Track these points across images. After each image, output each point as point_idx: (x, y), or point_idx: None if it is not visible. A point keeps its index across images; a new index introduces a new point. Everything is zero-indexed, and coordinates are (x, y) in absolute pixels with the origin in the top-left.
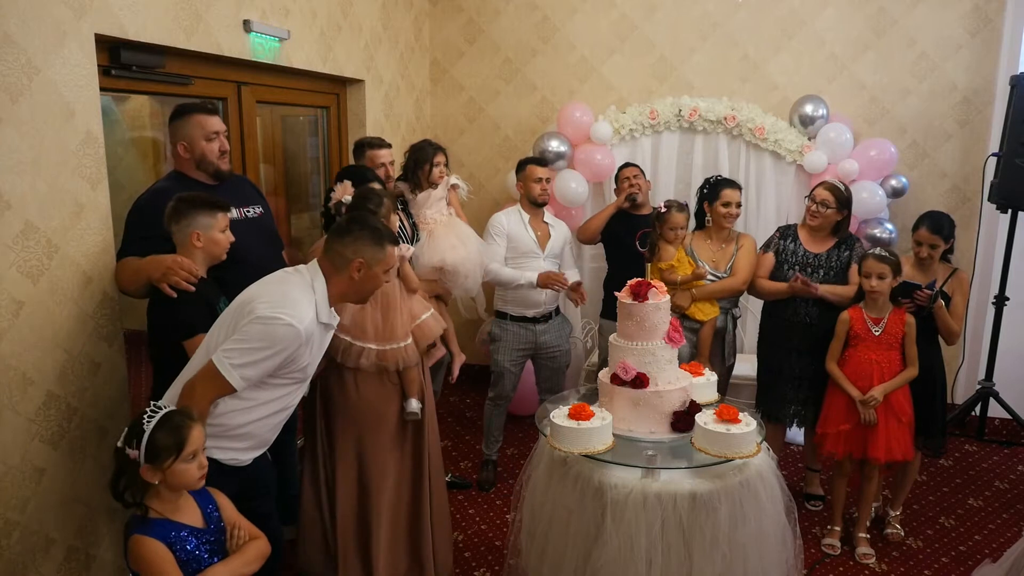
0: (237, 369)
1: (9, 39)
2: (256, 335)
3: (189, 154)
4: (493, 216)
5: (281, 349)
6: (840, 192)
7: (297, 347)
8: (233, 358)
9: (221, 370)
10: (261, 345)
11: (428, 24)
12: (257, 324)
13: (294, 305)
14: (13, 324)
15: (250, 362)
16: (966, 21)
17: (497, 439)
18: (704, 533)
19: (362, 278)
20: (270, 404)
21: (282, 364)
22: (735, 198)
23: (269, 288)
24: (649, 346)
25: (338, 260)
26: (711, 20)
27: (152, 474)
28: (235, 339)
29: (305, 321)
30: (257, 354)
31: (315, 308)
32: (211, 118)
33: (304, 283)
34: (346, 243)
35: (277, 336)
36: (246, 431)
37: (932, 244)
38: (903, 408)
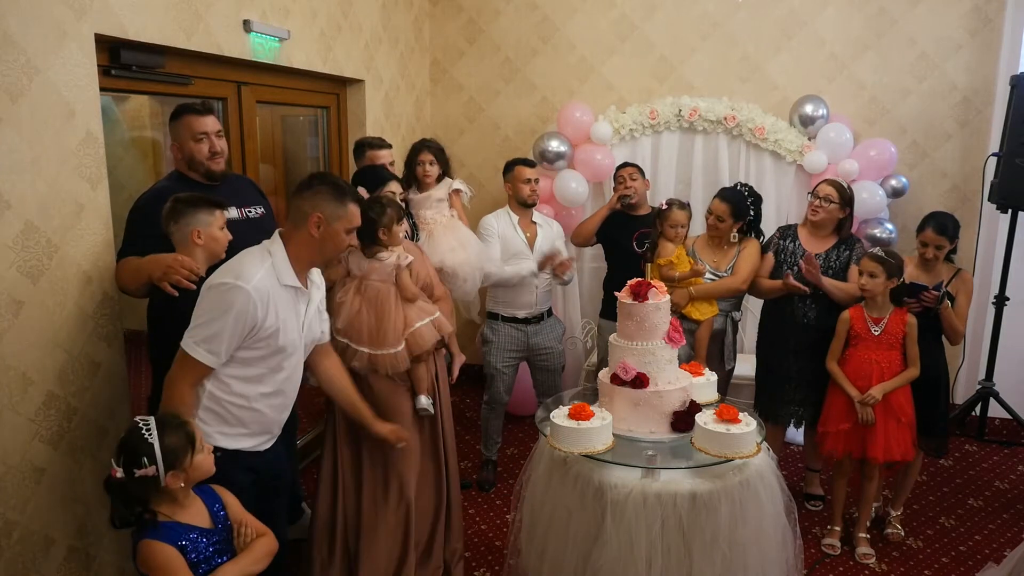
0: (201, 344)
1: (9, 39)
2: (207, 306)
3: (181, 154)
4: (483, 219)
5: (236, 313)
6: (843, 189)
7: (253, 309)
8: (194, 335)
9: (188, 351)
10: (215, 314)
11: (428, 24)
12: (206, 295)
13: (239, 269)
14: (13, 324)
15: (211, 334)
16: (966, 21)
17: (496, 441)
18: (704, 533)
19: (322, 235)
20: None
21: (247, 331)
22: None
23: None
24: (649, 346)
25: (297, 216)
26: (711, 20)
27: (176, 479)
28: (195, 315)
29: (252, 280)
30: (214, 324)
31: (270, 271)
32: (201, 119)
33: (259, 251)
34: (304, 197)
35: (226, 300)
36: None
37: (938, 245)
38: (903, 408)
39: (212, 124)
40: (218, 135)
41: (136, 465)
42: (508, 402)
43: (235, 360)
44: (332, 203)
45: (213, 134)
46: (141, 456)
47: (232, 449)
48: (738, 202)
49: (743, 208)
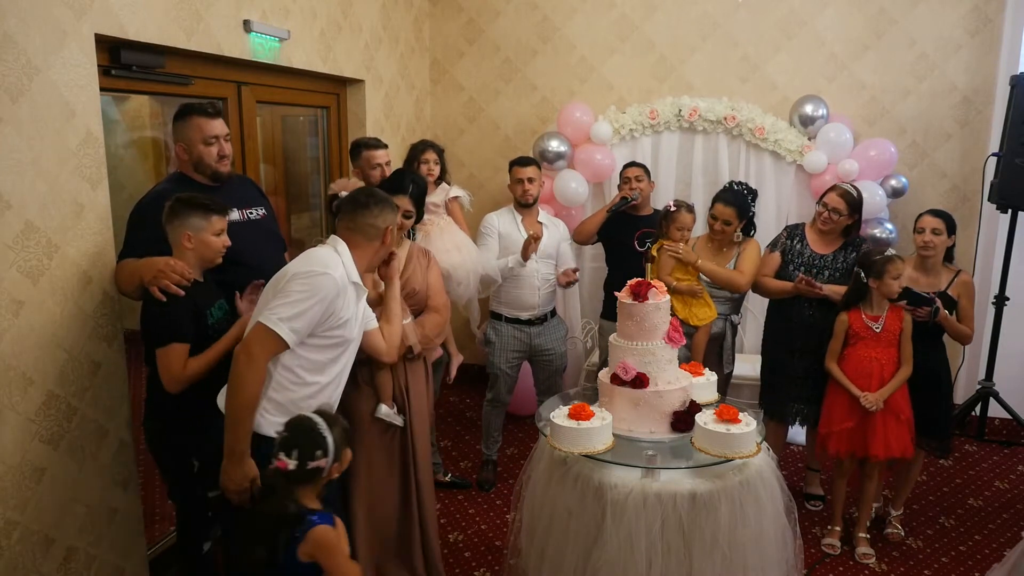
0: (285, 322)
1: (9, 39)
2: (297, 289)
3: (187, 156)
4: (485, 217)
5: (322, 298)
6: (852, 198)
7: (335, 295)
8: (279, 312)
9: (271, 326)
10: (303, 296)
11: (428, 24)
12: (296, 280)
13: (323, 260)
14: (13, 324)
15: (296, 313)
16: (966, 21)
17: (496, 440)
18: (704, 533)
19: (387, 244)
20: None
21: (325, 317)
22: (722, 215)
23: (297, 260)
24: (649, 346)
25: (370, 231)
26: (711, 20)
27: (335, 470)
28: (279, 298)
29: (337, 271)
30: (301, 304)
31: (343, 267)
32: (212, 121)
33: (327, 249)
34: (376, 215)
35: (316, 285)
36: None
37: (935, 229)
38: (900, 406)
39: (221, 128)
40: (226, 138)
41: (311, 457)
42: (510, 402)
43: (305, 346)
44: (393, 213)
45: (223, 138)
46: (317, 449)
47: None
48: (741, 203)
49: (747, 207)
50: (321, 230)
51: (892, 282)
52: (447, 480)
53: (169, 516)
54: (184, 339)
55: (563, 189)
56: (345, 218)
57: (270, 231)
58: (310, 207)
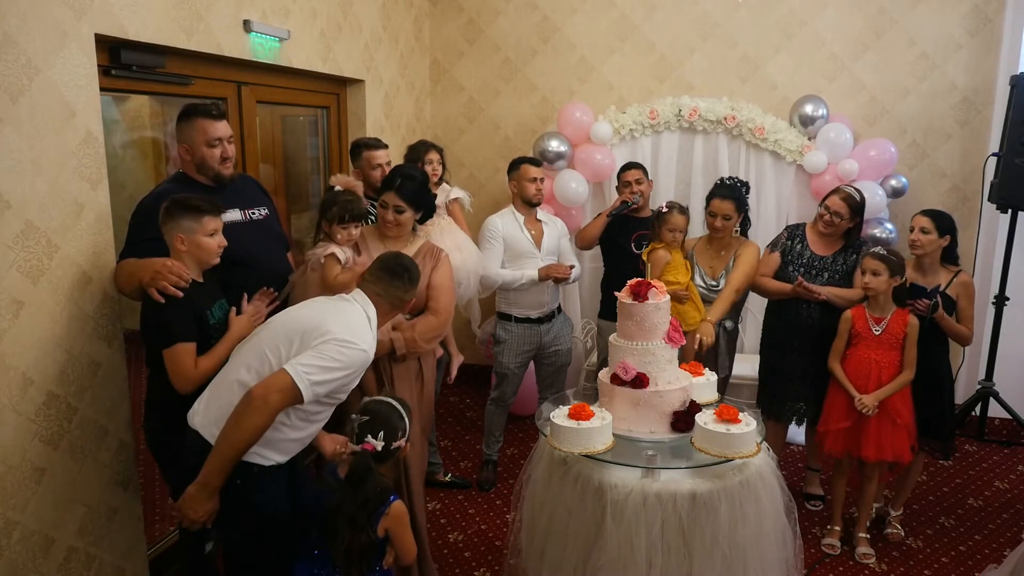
0: (314, 386)
1: (9, 39)
2: (334, 354)
3: (190, 157)
4: (487, 220)
5: (352, 372)
6: (855, 201)
7: (360, 372)
8: (313, 375)
9: (299, 383)
10: (338, 365)
11: (428, 24)
12: (335, 345)
13: (363, 333)
14: (13, 324)
15: (325, 380)
16: (966, 21)
17: (498, 439)
18: (704, 533)
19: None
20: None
21: (344, 385)
22: (721, 210)
23: (334, 315)
24: (649, 346)
25: (397, 303)
26: (711, 20)
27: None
28: (313, 356)
29: (372, 349)
30: (333, 373)
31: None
32: (216, 124)
33: (361, 313)
34: (405, 289)
35: (352, 359)
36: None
37: (923, 228)
38: (898, 410)
39: (225, 130)
40: (229, 140)
41: (394, 438)
42: (513, 402)
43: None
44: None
45: (226, 140)
46: (399, 430)
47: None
48: (738, 196)
49: (743, 200)
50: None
51: (668, 233)
52: (447, 480)
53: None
54: (189, 338)
55: (563, 189)
56: (378, 284)
57: (272, 231)
58: (310, 207)
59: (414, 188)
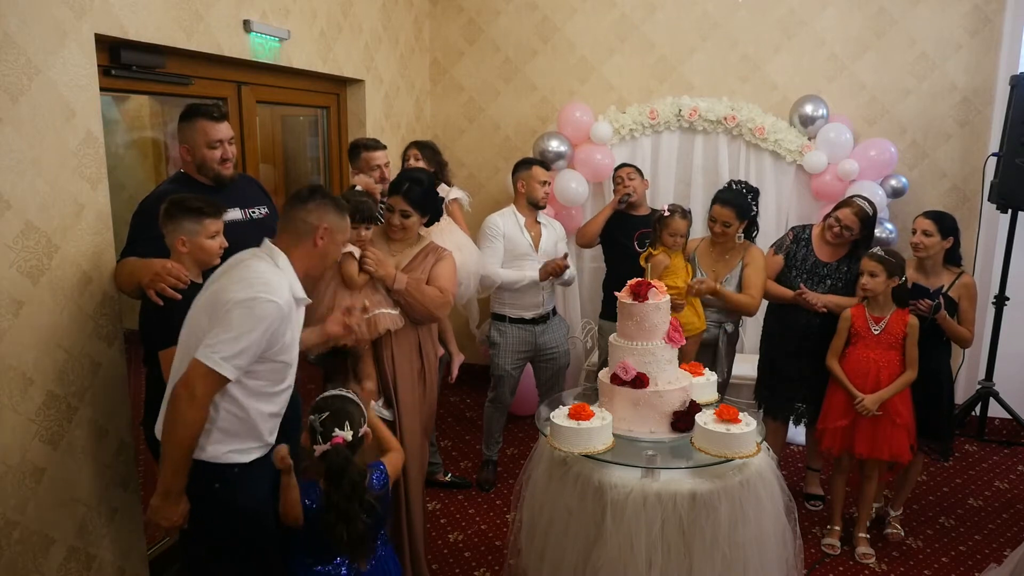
0: (230, 360)
1: (9, 39)
2: (239, 319)
3: (191, 158)
4: (488, 218)
5: (267, 327)
6: (866, 216)
7: (280, 323)
8: (222, 350)
9: (213, 366)
10: (248, 328)
11: (428, 24)
12: (237, 310)
13: (266, 282)
14: (13, 324)
15: (241, 349)
16: (966, 21)
17: (497, 440)
18: (704, 533)
19: (325, 246)
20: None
21: (271, 345)
22: (721, 216)
23: (232, 281)
24: (649, 346)
25: (301, 227)
26: (711, 20)
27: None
28: (218, 331)
29: (283, 295)
30: (246, 338)
31: (288, 285)
32: (217, 125)
33: (267, 263)
34: (310, 210)
35: (263, 313)
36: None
37: (925, 230)
38: (897, 410)
39: (226, 131)
40: (230, 142)
41: (359, 425)
42: (512, 403)
43: (252, 376)
44: (335, 215)
45: (227, 141)
46: (360, 416)
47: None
48: (740, 203)
49: (747, 207)
50: None
51: (669, 237)
52: (447, 480)
53: None
54: None
55: (563, 189)
56: (281, 222)
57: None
58: None
59: (421, 192)
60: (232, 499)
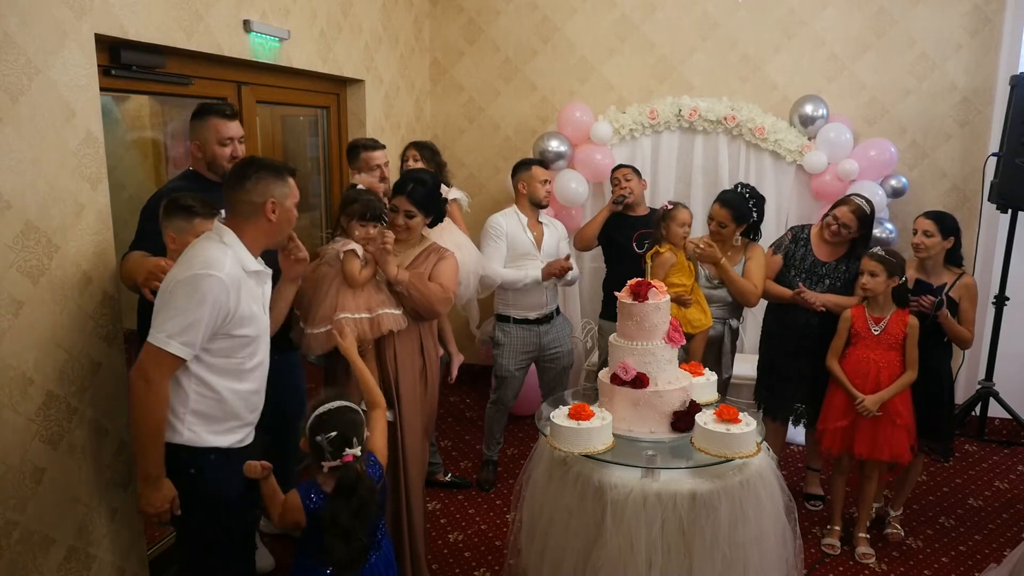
0: (175, 338)
1: (9, 39)
2: (182, 297)
3: (201, 154)
4: (490, 218)
5: (212, 301)
6: (864, 214)
7: (226, 297)
8: (166, 328)
9: (160, 345)
10: (193, 304)
11: (428, 24)
12: (180, 288)
13: (206, 259)
14: (13, 324)
15: (187, 325)
16: (966, 21)
17: (498, 441)
18: (704, 533)
19: (279, 218)
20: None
21: (220, 320)
22: (717, 216)
23: (182, 258)
24: (649, 346)
25: (248, 208)
26: (711, 20)
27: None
28: (164, 312)
29: (225, 268)
30: (189, 315)
31: (235, 260)
32: (229, 123)
33: (215, 243)
34: (249, 189)
35: (200, 291)
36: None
37: (926, 231)
38: (897, 410)
39: (237, 130)
40: (240, 140)
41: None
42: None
43: (213, 353)
44: (277, 184)
45: (237, 140)
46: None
47: (226, 448)
48: (739, 206)
49: (745, 211)
50: (322, 229)
51: (677, 228)
52: (447, 480)
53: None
54: None
55: (563, 189)
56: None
57: None
58: (310, 207)
59: (425, 192)
60: (206, 484)
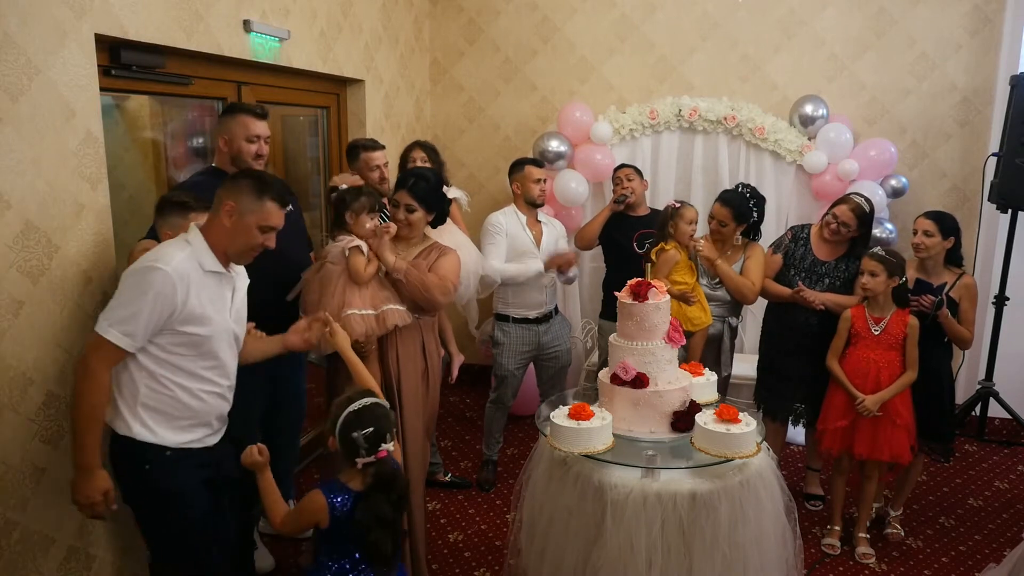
0: (116, 326)
1: (9, 39)
2: (127, 288)
3: (228, 148)
4: (490, 216)
5: (155, 294)
6: (863, 212)
7: (171, 291)
8: (110, 316)
9: (102, 333)
10: (136, 294)
11: (428, 24)
12: (127, 278)
13: (158, 253)
14: (13, 324)
15: (127, 315)
16: (966, 21)
17: (498, 440)
18: (704, 533)
19: (233, 225)
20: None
21: (166, 314)
22: (717, 214)
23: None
24: (649, 346)
25: (215, 204)
26: (711, 20)
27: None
28: (111, 302)
29: (172, 263)
30: (132, 306)
31: (191, 256)
32: (258, 122)
33: (177, 239)
34: (227, 186)
35: (145, 282)
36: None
37: (926, 231)
38: (897, 410)
39: (264, 129)
40: (266, 140)
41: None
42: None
43: (163, 348)
44: (249, 196)
45: (263, 139)
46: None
47: (183, 447)
48: (739, 205)
49: (745, 211)
50: (321, 228)
51: (685, 226)
52: (447, 480)
53: None
54: None
55: (563, 189)
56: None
57: (297, 224)
58: (310, 207)
59: (426, 188)
60: (160, 482)
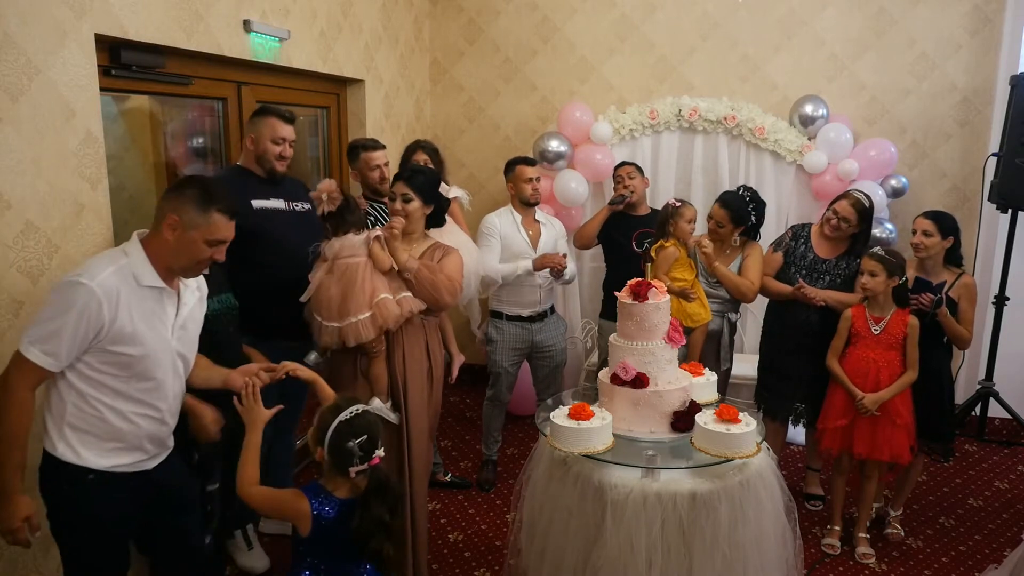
0: (37, 344)
1: (9, 39)
2: (50, 304)
3: (254, 147)
4: (485, 217)
5: (78, 311)
6: (863, 208)
7: (97, 308)
8: (31, 333)
9: (23, 351)
10: (58, 311)
11: (428, 24)
12: (53, 293)
13: (88, 266)
14: (13, 324)
15: (48, 333)
16: (966, 21)
17: (497, 439)
18: (704, 533)
19: (176, 240)
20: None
21: (91, 332)
22: (715, 215)
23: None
24: (649, 346)
25: (157, 216)
26: (711, 20)
27: None
28: (34, 317)
29: (98, 277)
30: (54, 323)
31: (124, 270)
32: (285, 125)
33: (114, 250)
34: (169, 197)
35: (69, 298)
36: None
37: (925, 231)
38: (897, 410)
39: (291, 133)
40: (291, 143)
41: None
42: (510, 400)
43: (91, 367)
44: (193, 209)
45: (289, 142)
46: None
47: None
48: (738, 208)
49: (743, 213)
50: None
51: (685, 225)
52: (447, 480)
53: None
54: None
55: (563, 189)
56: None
57: (314, 223)
58: None
59: (423, 179)
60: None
